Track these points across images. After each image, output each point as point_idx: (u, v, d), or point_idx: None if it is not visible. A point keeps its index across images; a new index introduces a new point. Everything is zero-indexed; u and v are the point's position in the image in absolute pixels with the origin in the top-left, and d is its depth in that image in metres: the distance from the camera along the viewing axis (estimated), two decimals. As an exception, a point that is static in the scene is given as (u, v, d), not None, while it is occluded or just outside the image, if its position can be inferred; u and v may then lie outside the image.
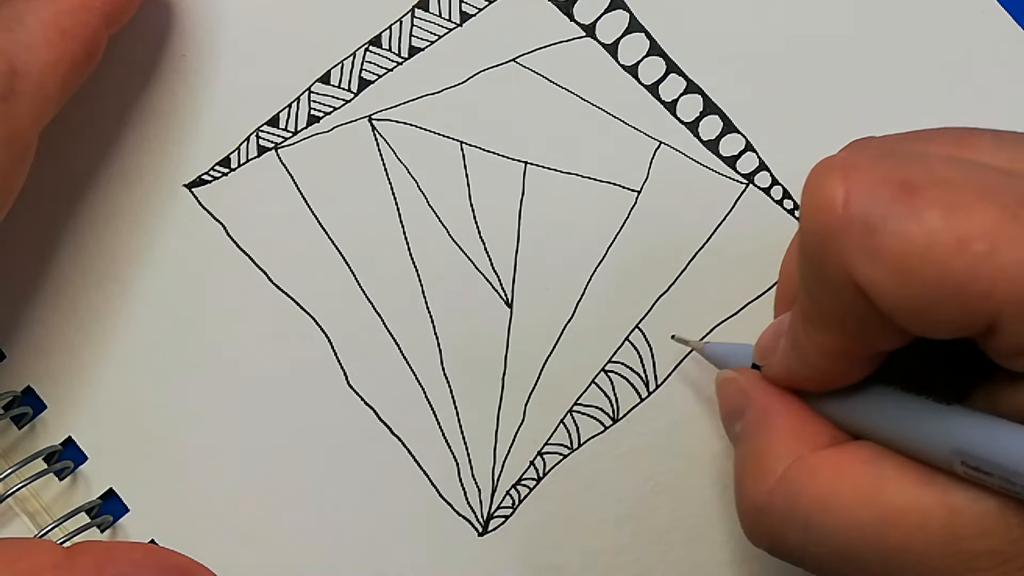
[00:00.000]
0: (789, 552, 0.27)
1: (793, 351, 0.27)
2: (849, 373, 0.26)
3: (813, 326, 0.25)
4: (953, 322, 0.23)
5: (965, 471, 0.23)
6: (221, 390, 0.34)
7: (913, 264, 0.22)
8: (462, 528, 0.34)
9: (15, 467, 0.33)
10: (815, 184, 0.24)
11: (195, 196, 0.35)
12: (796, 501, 0.26)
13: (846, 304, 0.24)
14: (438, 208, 0.35)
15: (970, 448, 0.23)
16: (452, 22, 0.35)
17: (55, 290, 0.35)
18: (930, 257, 0.22)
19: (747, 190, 0.35)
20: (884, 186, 0.23)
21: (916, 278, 0.22)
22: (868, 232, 0.23)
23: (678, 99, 0.35)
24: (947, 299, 0.22)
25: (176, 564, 0.28)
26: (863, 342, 0.25)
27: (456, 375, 0.34)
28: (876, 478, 0.25)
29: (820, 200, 0.23)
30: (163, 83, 0.35)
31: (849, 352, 0.25)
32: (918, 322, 0.23)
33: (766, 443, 0.27)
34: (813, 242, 0.24)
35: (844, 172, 0.23)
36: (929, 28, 0.35)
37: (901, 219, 0.22)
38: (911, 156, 0.24)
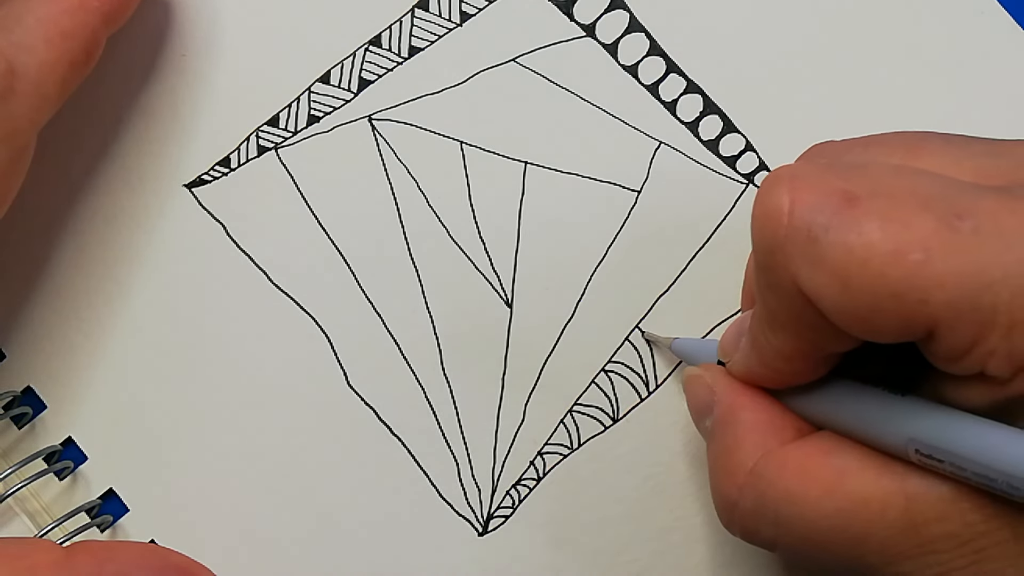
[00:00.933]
0: (762, 542, 0.28)
1: (753, 351, 0.27)
2: (805, 372, 0.27)
3: (769, 328, 0.26)
4: (893, 329, 0.23)
5: (919, 459, 0.24)
6: (221, 390, 0.34)
7: (853, 273, 0.23)
8: (462, 528, 0.34)
9: (15, 467, 0.33)
10: (763, 194, 0.25)
11: (195, 196, 0.35)
12: (765, 495, 0.27)
13: (795, 309, 0.25)
14: (438, 208, 0.35)
15: (922, 436, 0.24)
16: (452, 22, 0.35)
17: (55, 290, 0.35)
18: (869, 266, 0.23)
19: (747, 190, 0.35)
20: (827, 197, 0.24)
21: (856, 286, 0.23)
22: (811, 242, 0.23)
23: (678, 99, 0.35)
24: (886, 307, 0.23)
25: (175, 563, 0.28)
26: (814, 345, 0.26)
27: (456, 375, 0.34)
28: (838, 470, 0.26)
29: (767, 210, 0.24)
30: (163, 83, 0.35)
31: (803, 354, 0.26)
32: (860, 328, 0.24)
33: (734, 439, 0.28)
34: (762, 250, 0.25)
35: (790, 183, 0.24)
36: (929, 28, 0.35)
37: (841, 230, 0.23)
38: (855, 167, 0.25)
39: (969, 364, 0.23)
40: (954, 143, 0.26)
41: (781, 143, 0.35)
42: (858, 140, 0.28)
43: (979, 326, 0.23)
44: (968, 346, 0.23)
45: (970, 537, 0.24)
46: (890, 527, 0.25)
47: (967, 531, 0.24)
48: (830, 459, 0.26)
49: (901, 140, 0.27)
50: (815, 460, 0.26)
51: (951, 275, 0.22)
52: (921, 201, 0.23)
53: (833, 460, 0.26)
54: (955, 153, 0.26)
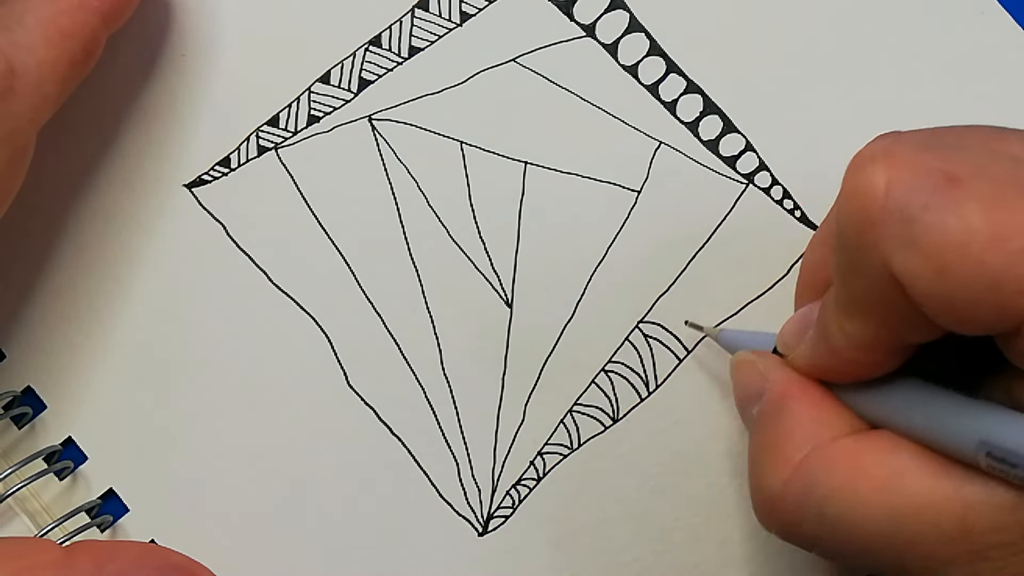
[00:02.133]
0: (801, 539, 0.27)
1: (822, 341, 0.26)
2: (878, 365, 0.26)
3: (846, 316, 0.25)
4: (985, 319, 0.22)
5: (989, 463, 0.23)
6: (221, 390, 0.34)
7: (950, 257, 0.22)
8: (462, 528, 0.34)
9: (15, 467, 0.33)
10: (857, 171, 0.23)
11: (195, 196, 0.35)
12: (812, 491, 0.26)
13: (881, 294, 0.24)
14: (438, 208, 0.35)
15: (997, 440, 0.23)
16: (452, 22, 0.35)
17: (55, 290, 0.35)
18: (967, 251, 0.22)
19: (747, 190, 0.35)
20: (926, 176, 0.23)
21: (952, 272, 0.22)
22: (907, 222, 0.22)
23: (678, 99, 0.35)
24: (981, 295, 0.22)
25: (175, 563, 0.28)
26: (895, 334, 0.25)
27: (456, 375, 0.34)
28: (893, 470, 0.25)
29: (861, 188, 0.23)
30: (163, 83, 0.35)
31: (880, 344, 0.25)
32: (950, 316, 0.23)
33: (784, 430, 0.27)
34: (851, 230, 0.24)
35: (887, 161, 0.23)
36: (929, 28, 0.35)
37: (941, 211, 0.22)
38: (954, 148, 0.24)
39: None
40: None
41: (781, 143, 0.35)
42: (936, 129, 0.26)
43: None
44: None
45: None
46: (943, 533, 0.24)
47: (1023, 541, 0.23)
48: (886, 458, 0.25)
49: (982, 131, 0.25)
50: (870, 458, 0.25)
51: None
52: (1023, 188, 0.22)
53: (889, 459, 0.25)
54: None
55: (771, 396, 0.27)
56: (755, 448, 0.28)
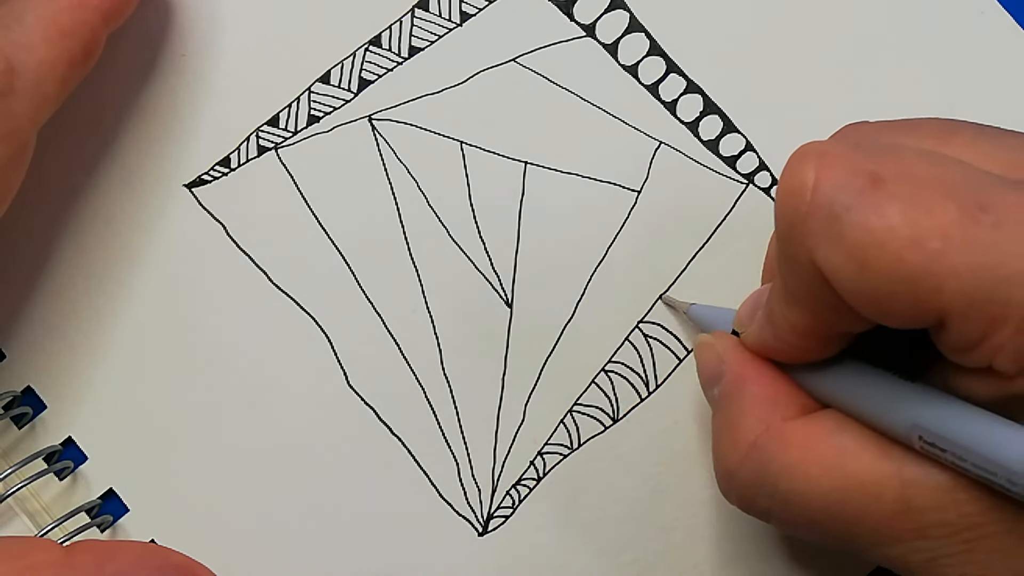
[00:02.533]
0: (758, 513, 0.28)
1: (768, 324, 0.28)
2: (818, 349, 0.27)
3: (785, 303, 0.26)
4: (905, 314, 0.23)
5: (922, 446, 0.24)
6: (221, 390, 0.34)
7: (870, 254, 0.23)
8: (462, 528, 0.34)
9: (15, 467, 0.33)
10: (789, 168, 0.25)
11: (195, 196, 0.35)
12: (766, 468, 0.27)
13: (811, 286, 0.25)
14: (438, 208, 0.35)
15: (927, 423, 0.24)
16: (452, 22, 0.35)
17: (55, 290, 0.35)
18: (886, 249, 0.23)
19: (747, 190, 0.35)
20: (852, 176, 0.24)
21: (872, 268, 0.23)
22: (831, 219, 0.23)
23: (678, 99, 0.35)
24: (899, 291, 0.23)
25: (175, 563, 0.28)
26: (828, 323, 0.26)
27: (456, 375, 0.34)
28: (839, 449, 0.26)
29: (791, 184, 0.24)
30: (163, 83, 0.35)
31: (816, 331, 0.26)
32: (873, 310, 0.24)
33: (739, 411, 0.28)
34: (783, 224, 0.25)
35: (817, 159, 0.24)
36: (929, 28, 0.35)
37: (863, 210, 0.23)
38: (884, 149, 0.25)
39: (978, 357, 0.23)
40: (986, 134, 0.26)
41: (781, 143, 0.35)
42: (891, 123, 0.28)
43: (990, 320, 0.23)
44: (978, 339, 0.23)
45: (963, 527, 0.24)
46: (884, 510, 0.25)
47: (961, 521, 0.24)
48: (832, 438, 0.26)
49: (934, 126, 0.27)
50: (817, 438, 0.26)
51: (967, 266, 0.22)
52: (946, 189, 0.23)
53: (835, 439, 0.26)
54: (986, 144, 0.25)
55: (728, 378, 0.29)
56: (716, 427, 0.29)
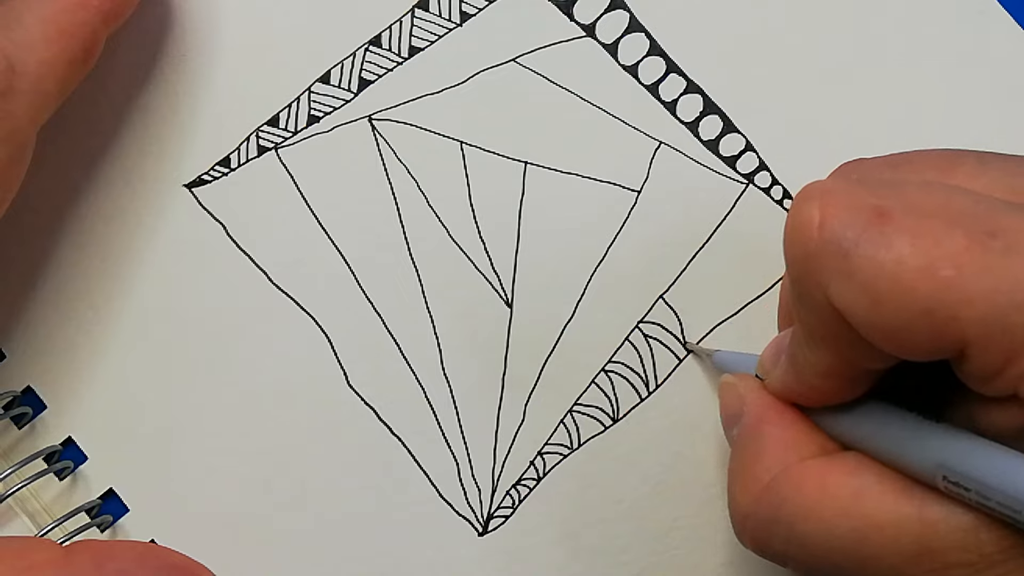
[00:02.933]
0: (772, 556, 0.28)
1: (791, 368, 0.27)
2: (843, 391, 0.27)
3: (806, 345, 0.26)
4: (924, 346, 0.23)
5: (946, 485, 0.24)
6: (221, 390, 0.34)
7: (883, 288, 0.23)
8: (462, 528, 0.34)
9: (15, 467, 0.33)
10: (795, 209, 0.25)
11: (195, 196, 0.35)
12: (780, 509, 0.26)
13: (828, 324, 0.25)
14: (438, 208, 0.35)
15: (952, 463, 0.24)
16: (452, 22, 0.35)
17: (55, 290, 0.35)
18: (899, 281, 0.23)
19: (747, 190, 0.35)
20: (858, 212, 0.24)
21: (887, 301, 0.23)
22: (841, 256, 0.23)
23: (678, 99, 0.35)
24: (916, 323, 0.23)
25: (175, 563, 0.28)
26: (849, 361, 0.25)
27: (456, 375, 0.34)
28: (856, 490, 0.25)
29: (798, 224, 0.24)
30: (163, 83, 0.35)
31: (838, 371, 0.26)
32: (891, 344, 0.24)
33: (756, 451, 0.28)
34: (794, 264, 0.25)
35: (821, 198, 0.24)
36: (929, 28, 0.35)
37: (872, 244, 0.23)
38: (887, 183, 0.25)
39: (1001, 386, 0.23)
40: (988, 161, 0.26)
41: (781, 143, 0.35)
42: (890, 157, 0.28)
43: (1010, 346, 0.22)
44: (999, 367, 0.23)
45: (984, 567, 0.24)
46: (904, 551, 0.24)
47: (982, 561, 0.24)
48: (850, 479, 0.26)
49: (934, 158, 0.27)
50: (834, 478, 0.26)
51: (981, 293, 0.22)
52: (952, 218, 0.23)
53: (852, 480, 0.26)
54: (990, 172, 0.25)
55: (747, 419, 0.29)
56: (732, 468, 0.29)
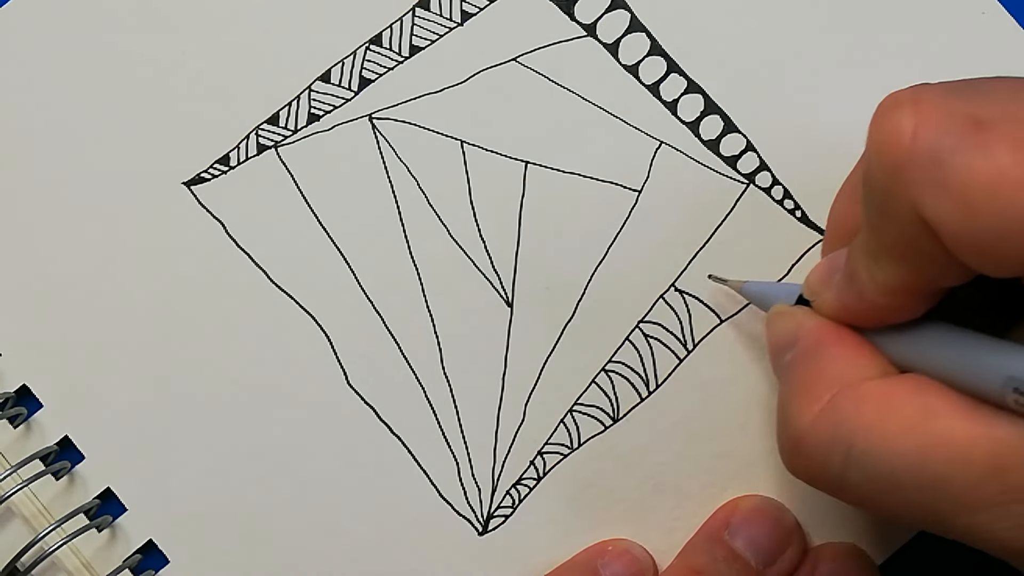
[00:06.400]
0: (827, 480, 0.26)
1: (850, 287, 0.26)
2: (907, 309, 0.26)
3: (876, 261, 0.25)
4: (1016, 259, 0.22)
5: (1017, 399, 0.23)
6: (219, 388, 0.34)
7: (980, 199, 0.22)
8: (462, 528, 0.34)
9: (12, 469, 0.33)
10: (884, 117, 0.24)
11: (194, 194, 0.35)
12: (841, 427, 0.25)
13: (911, 238, 0.24)
14: (438, 207, 0.35)
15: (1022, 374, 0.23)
16: (453, 21, 0.35)
17: (51, 288, 0.34)
18: (997, 192, 0.22)
19: (747, 190, 0.35)
20: (953, 120, 0.23)
21: (982, 213, 0.22)
22: (936, 165, 0.22)
23: (679, 99, 0.35)
24: (1012, 235, 0.22)
25: None
26: (926, 278, 0.25)
27: (456, 375, 0.34)
28: (923, 408, 0.24)
29: (888, 133, 0.23)
30: (163, 81, 0.35)
31: (911, 288, 0.25)
32: (980, 258, 0.23)
33: (815, 370, 0.27)
34: (880, 175, 0.24)
35: (914, 105, 0.23)
36: (930, 28, 0.35)
37: (970, 153, 0.22)
38: (981, 91, 0.24)
39: None
40: None
41: (781, 143, 0.35)
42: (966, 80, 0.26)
43: None
44: None
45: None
46: (971, 471, 0.24)
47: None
48: (916, 397, 0.25)
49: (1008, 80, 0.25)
50: (900, 396, 0.25)
51: None
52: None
53: (919, 398, 0.25)
54: None
55: (805, 342, 0.28)
56: (784, 392, 0.28)
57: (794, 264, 0.34)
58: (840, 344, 0.27)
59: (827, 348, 0.27)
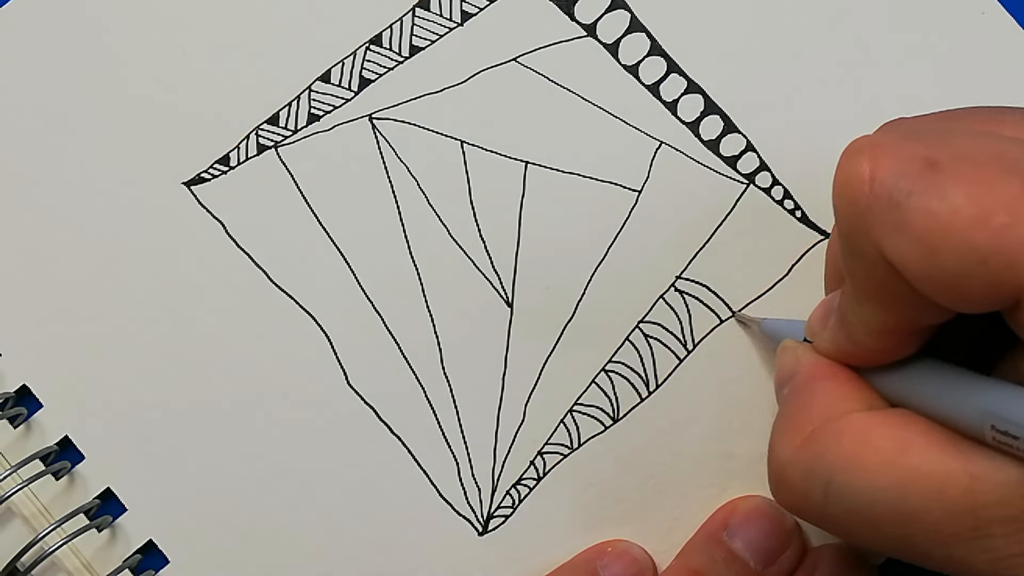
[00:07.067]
0: (809, 511, 0.27)
1: (841, 328, 0.27)
2: (894, 350, 0.26)
3: (857, 303, 0.26)
4: (979, 296, 0.23)
5: (994, 435, 0.24)
6: (219, 389, 0.34)
7: (937, 238, 0.22)
8: (462, 528, 0.34)
9: (12, 469, 0.33)
10: (844, 163, 0.24)
11: (194, 194, 0.35)
12: (821, 460, 0.26)
13: (880, 279, 0.24)
14: (438, 207, 0.35)
15: (1000, 411, 0.23)
16: (453, 21, 0.35)
17: (51, 287, 0.34)
18: (953, 231, 0.22)
19: (747, 190, 0.35)
20: (908, 163, 0.23)
21: (941, 252, 0.22)
22: (893, 208, 0.23)
23: (679, 99, 0.35)
24: (972, 272, 0.22)
25: None
26: (903, 317, 0.25)
27: (456, 375, 0.34)
28: (901, 442, 0.25)
29: (848, 178, 0.24)
30: (163, 80, 0.35)
31: (892, 328, 0.26)
32: (946, 296, 0.23)
33: (802, 404, 0.27)
34: (845, 219, 0.24)
35: (871, 151, 0.24)
36: (930, 28, 0.35)
37: (924, 195, 0.23)
38: (936, 133, 0.25)
39: None
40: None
41: (781, 143, 0.35)
42: (934, 114, 0.27)
43: None
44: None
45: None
46: (948, 506, 0.24)
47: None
48: (895, 431, 0.25)
49: (978, 112, 0.26)
50: (879, 430, 0.25)
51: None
52: (1005, 165, 0.23)
53: (898, 432, 0.25)
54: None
55: (799, 377, 0.28)
56: (777, 422, 0.28)
57: (794, 264, 0.34)
58: (830, 379, 0.28)
59: (817, 383, 0.28)
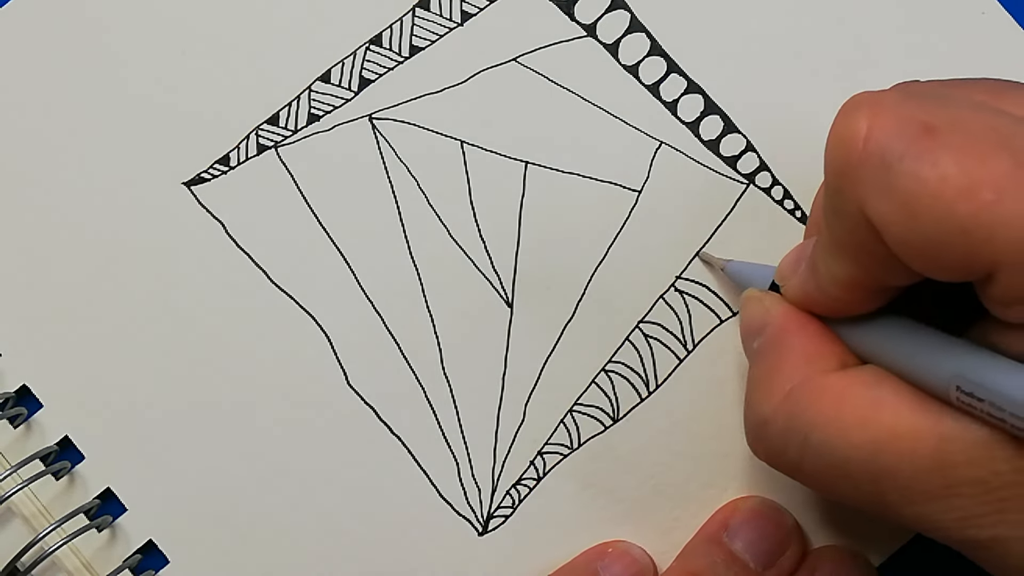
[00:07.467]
0: (786, 465, 0.28)
1: (811, 276, 0.27)
2: (860, 303, 0.27)
3: (829, 255, 0.26)
4: (954, 265, 0.23)
5: (959, 396, 0.24)
6: (219, 389, 0.34)
7: (922, 204, 0.23)
8: (462, 528, 0.34)
9: (12, 469, 0.33)
10: (842, 118, 0.24)
11: (194, 194, 0.35)
12: (798, 419, 0.27)
13: (858, 237, 0.24)
14: (438, 208, 0.35)
15: (967, 373, 0.24)
16: (453, 21, 0.35)
17: (52, 288, 0.34)
18: (939, 199, 0.22)
19: (747, 190, 0.35)
20: (906, 126, 0.23)
21: (923, 218, 0.23)
22: (883, 169, 0.23)
23: (679, 99, 0.35)
24: (950, 242, 0.23)
25: None
26: (873, 275, 0.26)
27: (456, 375, 0.34)
28: (874, 401, 0.26)
29: (843, 133, 0.24)
30: (162, 80, 0.35)
31: (860, 284, 0.26)
32: (922, 262, 0.24)
33: (778, 362, 0.28)
34: (833, 173, 0.25)
35: (870, 108, 0.24)
36: (930, 28, 0.35)
37: (916, 160, 0.23)
38: (938, 99, 0.25)
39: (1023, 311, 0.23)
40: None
41: (781, 143, 0.35)
42: (943, 81, 0.27)
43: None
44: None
45: (997, 485, 0.24)
46: (918, 464, 0.25)
47: (995, 479, 0.24)
48: (868, 390, 0.26)
49: (986, 84, 0.26)
50: (853, 390, 0.26)
51: (1020, 217, 0.22)
52: (1000, 140, 0.23)
53: (871, 391, 0.26)
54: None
55: (771, 330, 0.29)
56: (752, 377, 0.29)
57: (794, 264, 0.34)
58: (803, 334, 0.28)
59: (790, 338, 0.28)
